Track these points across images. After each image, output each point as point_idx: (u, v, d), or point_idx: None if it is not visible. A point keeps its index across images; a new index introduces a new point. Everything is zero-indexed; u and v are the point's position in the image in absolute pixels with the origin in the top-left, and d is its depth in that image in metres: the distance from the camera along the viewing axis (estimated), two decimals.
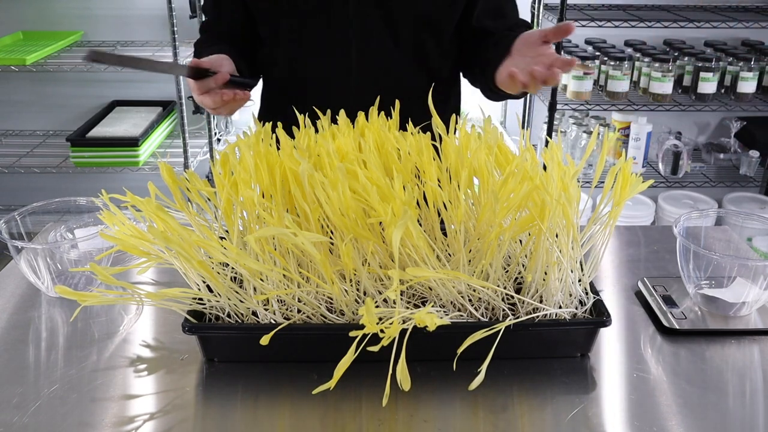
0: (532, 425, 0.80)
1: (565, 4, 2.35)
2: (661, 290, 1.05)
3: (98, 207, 1.14)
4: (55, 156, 2.68)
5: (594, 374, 0.89)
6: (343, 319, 0.89)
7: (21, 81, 2.84)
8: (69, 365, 0.90)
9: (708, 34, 2.81)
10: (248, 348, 0.89)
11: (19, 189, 2.95)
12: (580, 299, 0.92)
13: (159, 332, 0.98)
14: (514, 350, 0.88)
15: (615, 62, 2.53)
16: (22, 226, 1.12)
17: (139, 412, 0.82)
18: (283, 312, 0.90)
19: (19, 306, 1.05)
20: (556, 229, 0.88)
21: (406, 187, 0.83)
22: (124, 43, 2.78)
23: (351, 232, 0.85)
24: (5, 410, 0.82)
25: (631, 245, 1.24)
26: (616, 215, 0.92)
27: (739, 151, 2.83)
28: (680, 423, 0.80)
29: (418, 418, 0.81)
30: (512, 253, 1.00)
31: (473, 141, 0.93)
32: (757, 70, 2.56)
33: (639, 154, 2.68)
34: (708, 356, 0.92)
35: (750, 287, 0.99)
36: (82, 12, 2.76)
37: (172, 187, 0.97)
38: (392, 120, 1.03)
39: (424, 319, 0.75)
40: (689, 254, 1.01)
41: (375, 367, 0.81)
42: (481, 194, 0.92)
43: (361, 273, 0.89)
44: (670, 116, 2.92)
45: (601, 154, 0.93)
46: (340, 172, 0.84)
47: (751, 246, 2.55)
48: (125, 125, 2.58)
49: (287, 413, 0.82)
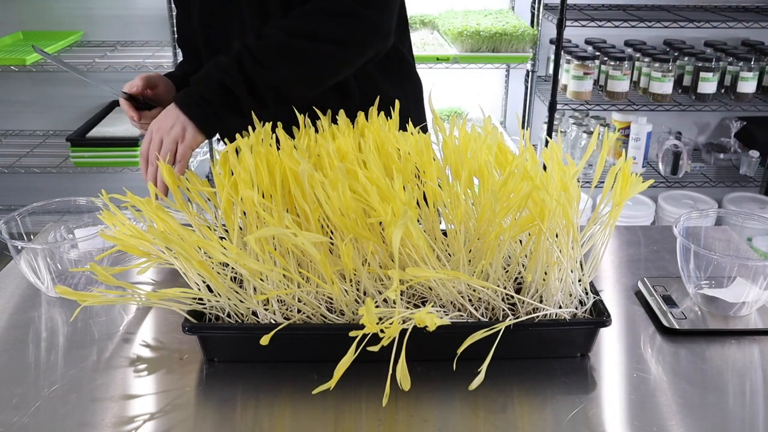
0: (532, 425, 0.80)
1: (565, 4, 2.35)
2: (661, 290, 1.05)
3: (98, 207, 1.14)
4: (55, 156, 2.67)
5: (594, 374, 0.89)
6: (343, 319, 0.89)
7: (21, 81, 2.84)
8: (69, 365, 0.90)
9: (708, 34, 2.81)
10: (248, 348, 0.89)
11: (19, 189, 2.95)
12: (580, 299, 0.92)
13: (159, 332, 0.98)
14: (514, 350, 0.88)
15: (615, 62, 2.53)
16: (22, 226, 1.12)
17: (139, 412, 0.82)
18: (283, 312, 0.90)
19: (19, 306, 1.05)
20: (556, 229, 0.88)
21: (406, 187, 0.83)
22: (124, 43, 2.78)
23: (351, 232, 0.86)
24: (5, 410, 0.82)
25: (631, 245, 1.24)
26: (616, 215, 0.92)
27: (739, 151, 2.83)
28: (680, 423, 0.80)
29: (418, 418, 0.81)
30: (512, 253, 1.00)
31: (473, 141, 0.93)
32: (757, 70, 2.56)
33: (639, 154, 2.68)
34: (708, 356, 0.92)
35: (750, 287, 0.99)
36: (82, 12, 2.76)
37: (172, 187, 0.97)
38: (392, 120, 1.03)
39: (424, 319, 0.75)
40: (689, 254, 1.01)
41: (375, 367, 0.81)
42: (481, 194, 0.92)
43: (361, 273, 0.89)
44: (670, 116, 2.92)
45: (601, 154, 0.93)
46: (340, 172, 0.84)
47: (751, 246, 2.55)
48: (125, 125, 2.58)
49: (287, 413, 0.82)
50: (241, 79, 1.03)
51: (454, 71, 2.80)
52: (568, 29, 2.42)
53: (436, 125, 0.99)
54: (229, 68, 1.04)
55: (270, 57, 1.04)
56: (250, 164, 0.90)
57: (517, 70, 2.87)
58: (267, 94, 1.05)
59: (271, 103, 1.07)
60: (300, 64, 1.06)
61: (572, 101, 2.59)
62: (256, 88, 1.04)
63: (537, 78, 2.69)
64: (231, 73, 1.03)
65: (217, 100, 1.04)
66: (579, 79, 2.55)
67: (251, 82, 1.03)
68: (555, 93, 2.51)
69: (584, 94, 2.58)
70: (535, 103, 2.77)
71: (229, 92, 1.03)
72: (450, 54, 2.48)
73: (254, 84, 1.04)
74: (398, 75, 1.27)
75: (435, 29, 2.77)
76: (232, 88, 1.03)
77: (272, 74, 1.05)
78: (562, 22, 2.38)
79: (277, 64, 1.05)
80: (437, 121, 0.99)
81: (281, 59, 1.05)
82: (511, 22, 2.55)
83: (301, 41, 1.05)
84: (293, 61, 1.05)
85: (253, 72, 1.03)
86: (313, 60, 1.06)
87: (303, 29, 1.06)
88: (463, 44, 2.48)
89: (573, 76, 2.55)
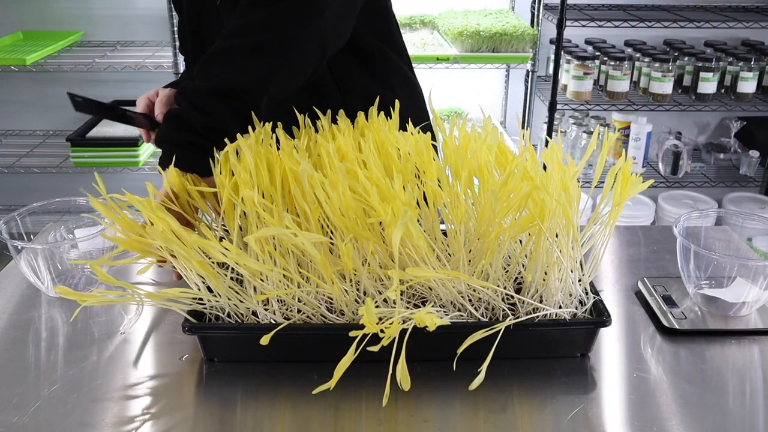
0: (532, 425, 0.80)
1: (565, 4, 2.36)
2: (661, 290, 1.05)
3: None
4: (55, 156, 2.68)
5: (594, 374, 0.89)
6: (343, 319, 0.89)
7: (21, 81, 2.84)
8: (69, 365, 0.90)
9: (708, 34, 2.81)
10: (248, 348, 0.89)
11: (19, 189, 2.95)
12: (580, 299, 0.92)
13: (159, 332, 0.98)
14: (514, 350, 0.89)
15: (615, 62, 2.53)
16: (22, 226, 1.12)
17: (139, 412, 0.82)
18: (283, 312, 0.90)
19: (19, 306, 1.05)
20: (556, 229, 0.88)
21: (406, 187, 0.83)
22: (124, 43, 2.78)
23: (351, 232, 0.86)
24: (5, 410, 0.82)
25: (631, 245, 1.24)
26: (616, 215, 0.92)
27: (739, 151, 2.83)
28: (680, 423, 0.80)
29: (418, 418, 0.81)
30: (512, 253, 1.00)
31: (473, 141, 0.93)
32: (757, 70, 2.56)
33: (639, 154, 2.68)
34: (708, 356, 0.92)
35: (750, 287, 0.99)
36: (82, 12, 2.76)
37: (178, 188, 0.96)
38: (392, 120, 1.03)
39: (424, 319, 0.75)
40: (689, 254, 1.01)
41: (375, 367, 0.81)
42: (481, 194, 0.92)
43: (361, 273, 0.89)
44: (670, 116, 2.92)
45: (601, 154, 0.93)
46: (340, 172, 0.84)
47: (751, 246, 2.55)
48: (125, 125, 2.58)
49: (287, 413, 0.82)
50: (199, 117, 0.97)
51: (454, 71, 2.80)
52: (568, 29, 2.42)
53: (436, 125, 0.99)
54: (183, 112, 0.98)
55: (210, 67, 0.99)
56: (250, 164, 0.90)
57: (517, 70, 2.87)
58: (236, 104, 0.99)
59: (245, 111, 1.00)
60: (243, 63, 0.99)
61: (572, 101, 2.59)
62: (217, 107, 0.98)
63: (537, 78, 2.70)
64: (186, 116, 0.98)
65: (194, 143, 0.98)
66: (579, 79, 2.55)
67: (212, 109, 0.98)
68: (555, 93, 2.51)
69: (584, 94, 2.58)
70: (535, 103, 2.77)
71: (194, 130, 0.97)
72: (450, 54, 2.48)
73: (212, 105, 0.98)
74: (382, 72, 1.24)
75: (435, 29, 2.77)
76: (196, 125, 0.97)
77: (227, 81, 0.99)
78: (562, 22, 2.38)
79: (220, 71, 0.99)
80: (437, 121, 0.99)
81: (222, 65, 0.99)
82: (511, 22, 2.55)
83: (233, 40, 0.99)
84: (235, 64, 0.99)
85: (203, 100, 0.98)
86: (252, 54, 0.99)
87: (233, 28, 1.00)
88: (463, 44, 2.48)
89: (573, 76, 2.56)
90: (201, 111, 0.97)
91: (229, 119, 0.98)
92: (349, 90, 1.20)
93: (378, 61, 1.23)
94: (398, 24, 1.30)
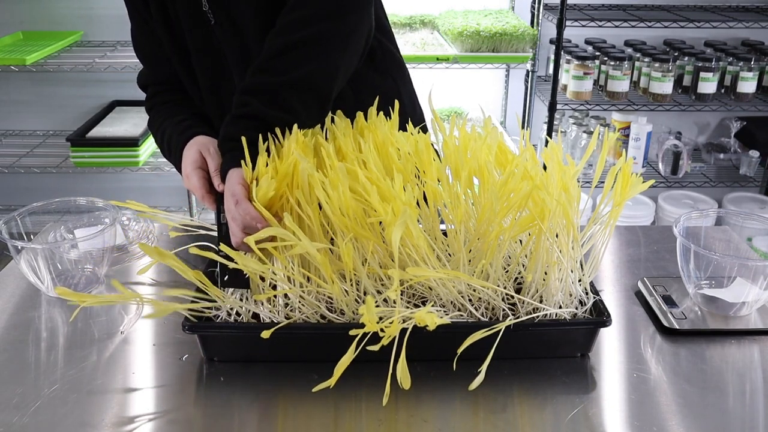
0: (532, 425, 0.80)
1: (565, 4, 2.35)
2: (661, 290, 1.05)
3: (98, 207, 1.14)
4: (55, 156, 2.67)
5: (594, 374, 0.89)
6: (343, 318, 0.89)
7: (21, 81, 2.83)
8: (69, 365, 0.90)
9: (708, 34, 2.80)
10: (248, 348, 0.89)
11: (19, 189, 2.95)
12: (580, 299, 0.92)
13: (159, 332, 0.98)
14: (514, 350, 0.88)
15: (615, 62, 2.53)
16: (22, 226, 1.12)
17: (139, 412, 0.82)
18: (283, 312, 0.90)
19: (19, 306, 1.05)
20: (556, 229, 0.88)
21: (406, 187, 0.83)
22: (124, 43, 2.78)
23: (351, 231, 0.86)
24: (5, 410, 0.82)
25: (631, 245, 1.24)
26: (616, 215, 0.92)
27: (739, 151, 2.83)
28: (680, 423, 0.80)
29: (418, 418, 0.81)
30: (512, 253, 1.00)
31: (473, 141, 0.93)
32: (757, 70, 2.56)
33: (639, 154, 2.68)
34: (708, 356, 0.92)
35: (750, 287, 0.99)
36: (82, 12, 2.76)
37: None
38: (392, 120, 1.03)
39: (424, 318, 0.75)
40: (689, 254, 1.01)
41: (375, 366, 0.81)
42: (481, 194, 0.92)
43: (361, 273, 0.89)
44: (670, 116, 2.92)
45: (601, 154, 0.93)
46: (340, 172, 0.84)
47: (751, 246, 2.55)
48: (125, 125, 2.58)
49: (287, 413, 0.82)
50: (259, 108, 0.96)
51: (454, 71, 2.80)
52: (568, 29, 2.42)
53: (436, 125, 0.99)
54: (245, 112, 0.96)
55: (279, 62, 0.98)
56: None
57: (517, 70, 2.87)
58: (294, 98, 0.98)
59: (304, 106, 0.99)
60: (315, 55, 0.99)
61: (572, 101, 2.59)
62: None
63: (537, 78, 2.69)
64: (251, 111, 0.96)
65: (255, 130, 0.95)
66: (579, 79, 2.54)
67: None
68: (555, 93, 2.51)
69: (584, 94, 2.58)
70: (535, 103, 2.77)
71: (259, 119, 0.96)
72: (450, 54, 2.48)
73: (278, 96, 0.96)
74: (382, 63, 1.22)
75: (435, 29, 2.77)
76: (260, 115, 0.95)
77: (302, 74, 0.97)
78: (562, 22, 2.38)
79: (293, 64, 0.97)
80: (437, 121, 0.99)
81: (293, 58, 0.98)
82: (511, 22, 2.55)
83: (298, 32, 0.98)
84: (306, 56, 0.98)
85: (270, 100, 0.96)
86: (318, 44, 0.99)
87: (293, 20, 0.99)
88: (463, 44, 2.48)
89: (573, 76, 2.55)
90: (275, 107, 0.96)
91: (302, 113, 0.98)
92: (360, 87, 1.19)
93: (377, 52, 1.22)
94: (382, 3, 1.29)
